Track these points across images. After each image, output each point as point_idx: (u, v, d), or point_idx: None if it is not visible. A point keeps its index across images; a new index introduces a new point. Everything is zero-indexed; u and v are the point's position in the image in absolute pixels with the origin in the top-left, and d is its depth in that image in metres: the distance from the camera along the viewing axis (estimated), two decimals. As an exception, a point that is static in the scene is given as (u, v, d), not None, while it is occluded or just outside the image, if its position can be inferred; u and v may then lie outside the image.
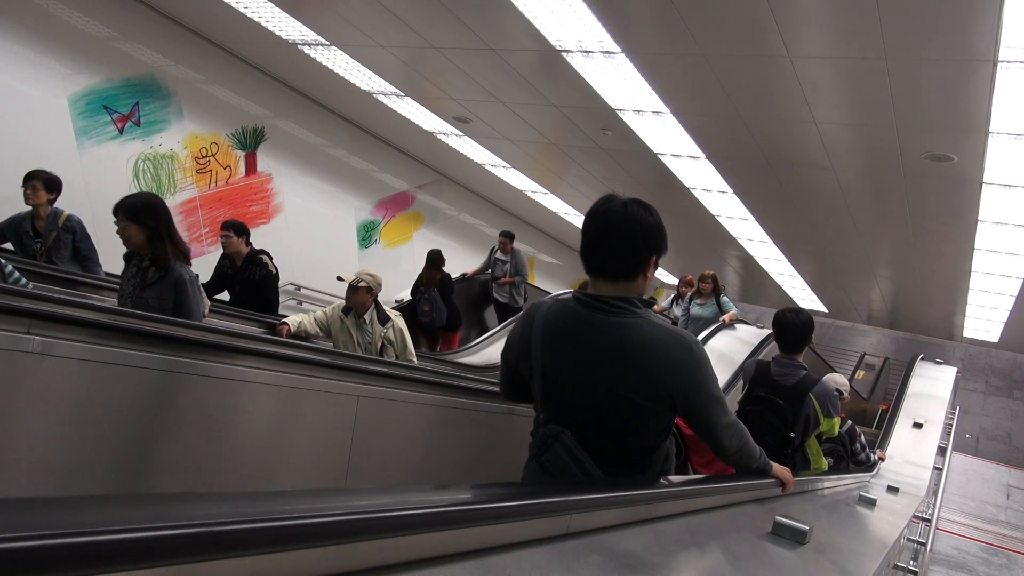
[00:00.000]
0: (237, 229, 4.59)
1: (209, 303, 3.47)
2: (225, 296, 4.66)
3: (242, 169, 7.56)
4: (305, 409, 2.58)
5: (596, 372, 1.54)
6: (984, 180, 5.65)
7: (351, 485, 2.74)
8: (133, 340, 2.05)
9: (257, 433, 2.43)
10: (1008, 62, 3.82)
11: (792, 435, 2.94)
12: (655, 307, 7.74)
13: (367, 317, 3.96)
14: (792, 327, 3.03)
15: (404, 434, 3.05)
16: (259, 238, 7.78)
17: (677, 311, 7.37)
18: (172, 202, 6.87)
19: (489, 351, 6.56)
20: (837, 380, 4.23)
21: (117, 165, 6.33)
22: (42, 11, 5.64)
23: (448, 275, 7.13)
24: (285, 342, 3.22)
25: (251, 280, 4.51)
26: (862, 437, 4.56)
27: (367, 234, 9.35)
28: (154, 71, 6.54)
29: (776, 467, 1.94)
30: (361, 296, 3.92)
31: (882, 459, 5.29)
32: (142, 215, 2.87)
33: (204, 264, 7.19)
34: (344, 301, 4.04)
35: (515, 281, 7.66)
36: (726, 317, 6.39)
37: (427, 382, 3.20)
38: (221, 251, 4.74)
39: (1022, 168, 5.29)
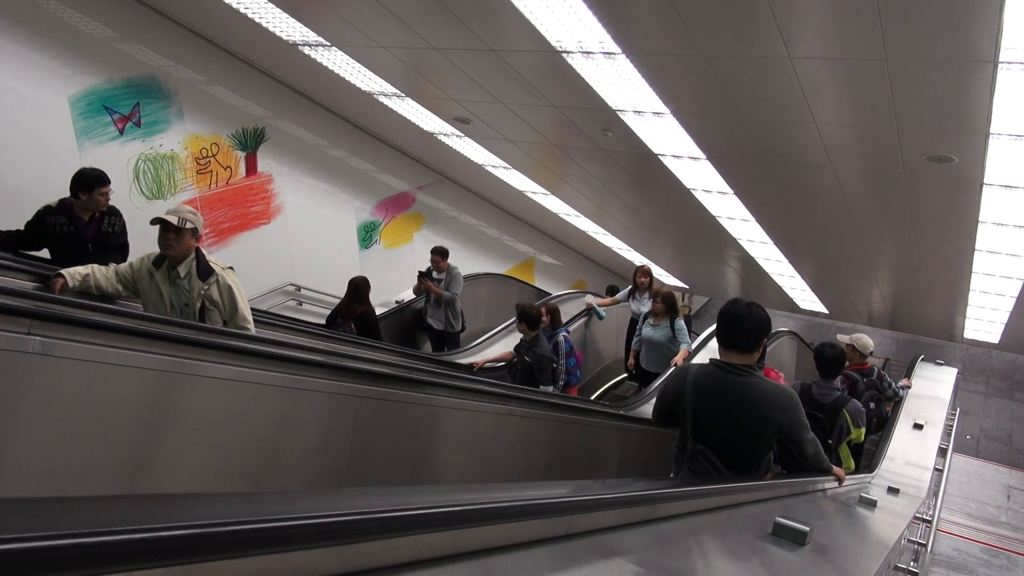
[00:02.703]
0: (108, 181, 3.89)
1: None
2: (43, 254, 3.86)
3: (242, 170, 7.56)
4: (305, 410, 2.58)
5: (730, 413, 2.43)
6: (985, 181, 5.65)
7: (351, 485, 2.74)
8: (133, 340, 2.05)
9: (258, 433, 2.42)
10: (1009, 63, 3.82)
11: (830, 441, 3.79)
12: (608, 299, 7.60)
13: (182, 270, 3.04)
14: (829, 359, 4.04)
15: (404, 435, 3.05)
16: (260, 239, 7.82)
17: (635, 306, 6.88)
18: (173, 203, 6.88)
19: (489, 351, 6.56)
20: (863, 340, 5.17)
21: (118, 166, 6.33)
22: (42, 11, 5.64)
23: (371, 310, 6.08)
24: (285, 343, 3.21)
25: (111, 233, 3.85)
26: (887, 377, 5.55)
27: (367, 235, 9.35)
28: (155, 72, 6.54)
29: (834, 468, 2.82)
30: (186, 241, 3.01)
31: (908, 387, 6.19)
32: None
33: (204, 265, 7.20)
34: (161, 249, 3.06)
35: (444, 296, 6.73)
36: (678, 359, 5.70)
37: (427, 383, 3.20)
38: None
39: (1023, 169, 5.28)
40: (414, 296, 7.32)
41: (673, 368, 5.59)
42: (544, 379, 5.39)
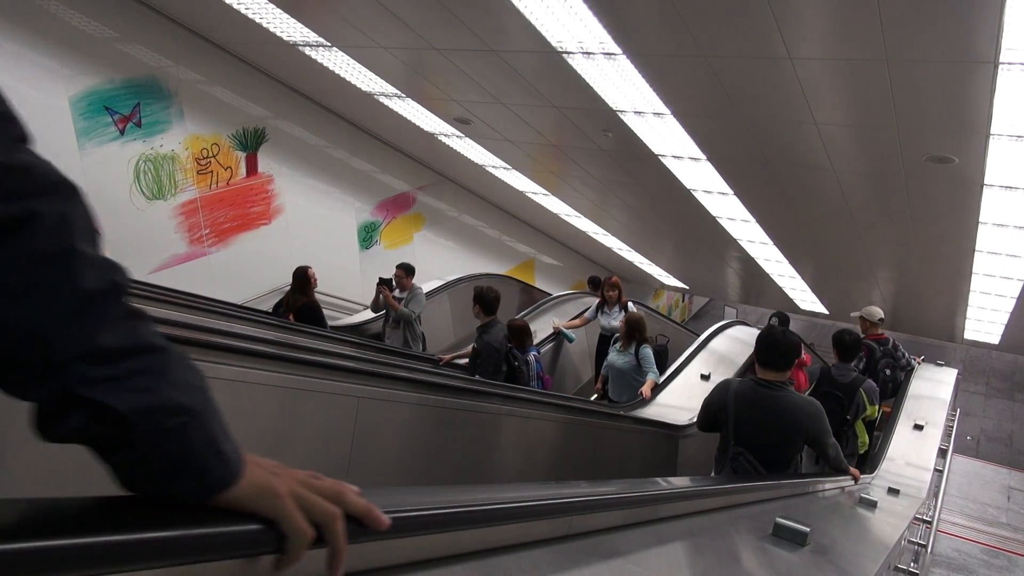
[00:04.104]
0: None
1: None
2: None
3: (243, 170, 7.56)
4: (305, 410, 2.58)
5: (766, 421, 2.88)
6: (985, 182, 5.65)
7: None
8: (133, 341, 2.04)
9: (257, 434, 2.42)
10: (1009, 64, 3.82)
11: (848, 417, 4.35)
12: (578, 320, 7.05)
13: None
14: (847, 344, 4.58)
15: (404, 435, 3.05)
16: (260, 239, 7.83)
17: (604, 321, 6.57)
18: (173, 203, 6.88)
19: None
20: (869, 309, 5.73)
21: (118, 166, 6.33)
22: (43, 11, 5.64)
23: (313, 302, 5.88)
24: (285, 343, 3.21)
25: None
26: (901, 348, 5.94)
27: (368, 235, 9.36)
28: (155, 72, 6.54)
29: (850, 469, 3.25)
30: None
31: (919, 363, 6.62)
32: None
33: (205, 266, 7.21)
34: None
35: (402, 313, 6.21)
36: (645, 389, 5.34)
37: (427, 383, 3.20)
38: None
39: (1023, 170, 5.28)
40: (372, 313, 6.92)
41: (640, 397, 5.37)
42: (484, 372, 4.92)
